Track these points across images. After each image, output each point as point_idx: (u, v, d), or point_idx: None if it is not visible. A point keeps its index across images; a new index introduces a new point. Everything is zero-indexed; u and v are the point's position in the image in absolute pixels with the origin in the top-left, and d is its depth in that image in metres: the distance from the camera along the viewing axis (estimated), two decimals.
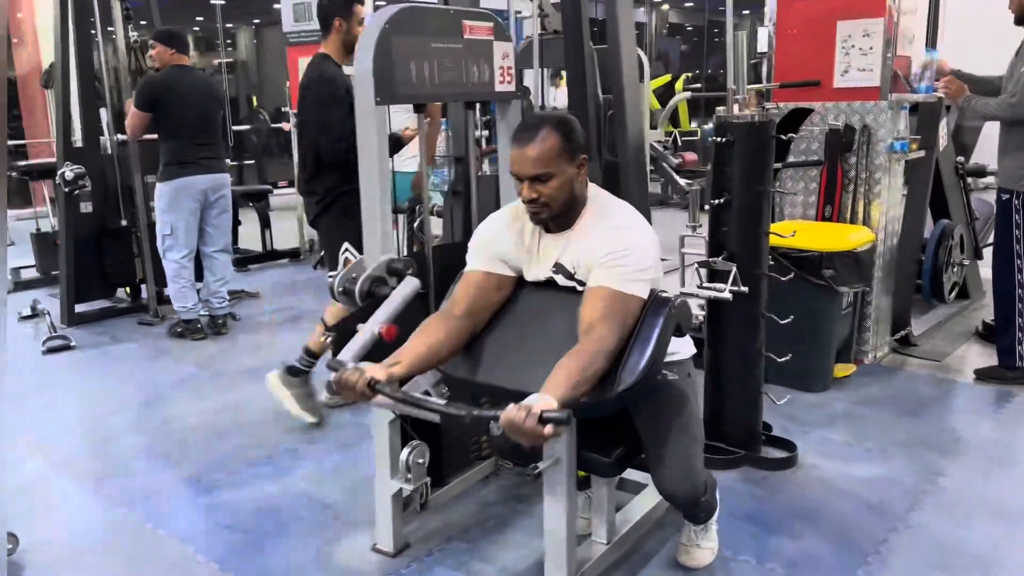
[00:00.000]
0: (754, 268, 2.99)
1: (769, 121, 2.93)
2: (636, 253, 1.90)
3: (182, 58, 4.51)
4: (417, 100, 2.44)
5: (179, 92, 4.42)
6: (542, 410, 1.61)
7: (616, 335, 1.83)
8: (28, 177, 6.05)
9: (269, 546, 2.60)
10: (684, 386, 2.19)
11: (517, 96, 2.76)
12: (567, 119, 2.01)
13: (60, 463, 3.23)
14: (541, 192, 1.93)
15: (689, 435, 2.14)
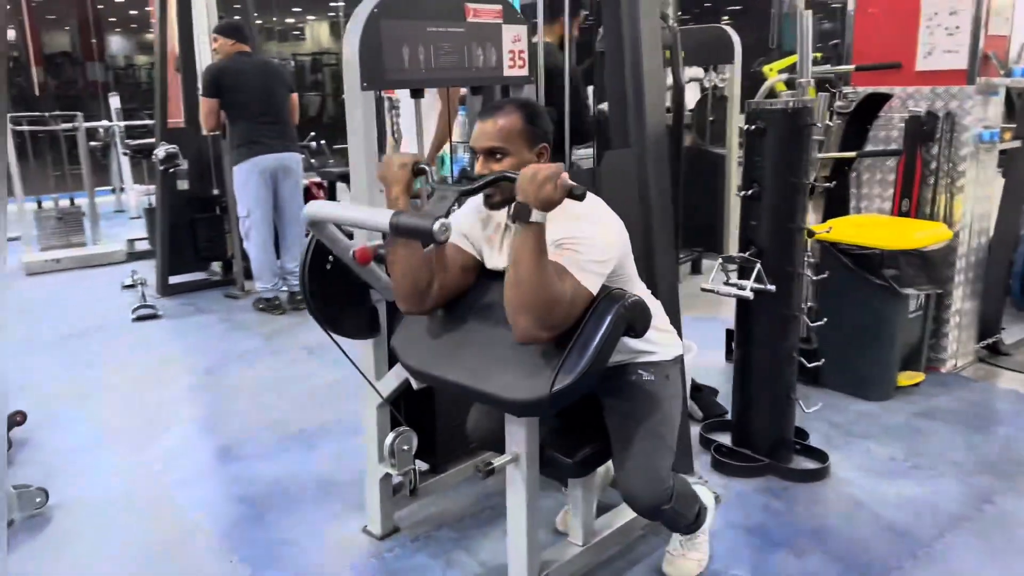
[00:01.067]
0: (786, 265, 2.79)
1: (804, 108, 2.71)
2: (591, 243, 1.80)
3: (242, 47, 4.70)
4: (410, 85, 2.42)
5: (241, 76, 4.60)
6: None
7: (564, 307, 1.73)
8: (140, 155, 6.48)
9: (270, 520, 2.67)
10: (658, 388, 2.07)
11: (530, 81, 2.68)
12: (536, 105, 1.94)
13: (111, 425, 3.45)
14: (493, 171, 1.86)
15: (656, 439, 2.02)
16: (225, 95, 4.64)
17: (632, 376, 2.08)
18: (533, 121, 1.88)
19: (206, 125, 4.75)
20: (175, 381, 3.93)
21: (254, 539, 2.57)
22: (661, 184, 2.76)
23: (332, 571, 2.39)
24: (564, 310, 1.73)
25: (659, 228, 2.76)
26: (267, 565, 2.43)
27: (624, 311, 1.80)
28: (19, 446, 3.22)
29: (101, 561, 2.47)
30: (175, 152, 5.12)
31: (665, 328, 2.17)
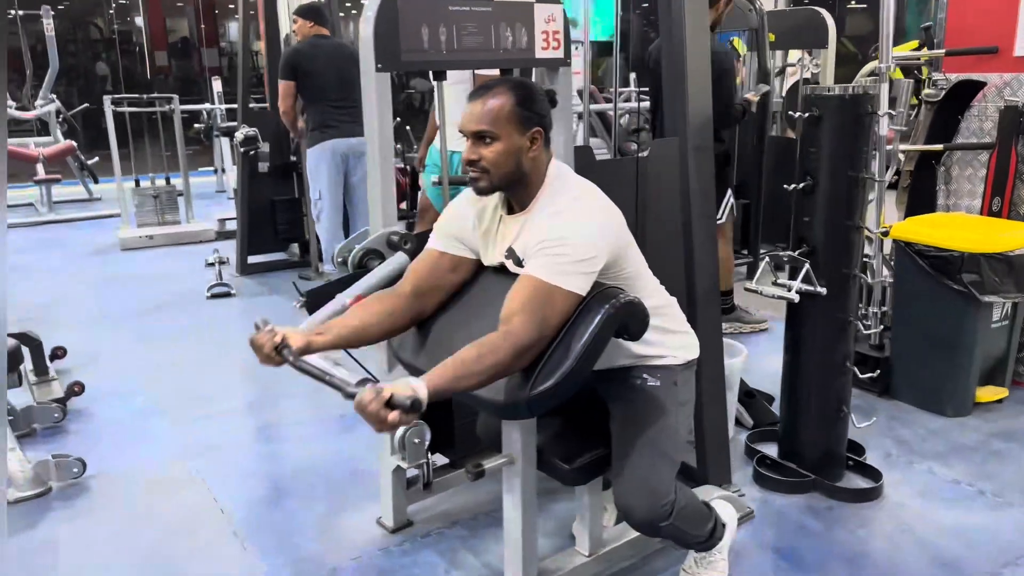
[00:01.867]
0: (841, 266, 2.57)
1: (863, 94, 2.47)
2: (573, 242, 1.68)
3: (321, 29, 4.71)
4: (429, 67, 2.34)
5: (317, 59, 4.61)
6: (392, 393, 1.49)
7: (533, 330, 1.62)
8: (227, 137, 6.67)
9: (287, 504, 2.67)
10: (664, 395, 1.92)
11: (565, 63, 2.55)
12: (530, 85, 1.81)
13: (163, 399, 3.54)
14: (482, 155, 1.75)
15: (655, 449, 1.88)
16: (301, 78, 4.67)
17: (636, 380, 1.94)
18: (526, 103, 1.76)
19: (281, 108, 4.81)
20: (233, 359, 4.01)
21: (270, 522, 2.57)
22: (703, 176, 2.58)
23: (336, 561, 2.35)
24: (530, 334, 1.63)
25: (699, 222, 2.58)
26: (275, 549, 2.42)
27: (614, 311, 1.67)
28: (74, 415, 3.34)
29: (121, 534, 2.52)
30: (254, 135, 5.22)
31: (679, 329, 2.01)
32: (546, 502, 2.58)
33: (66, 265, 6.07)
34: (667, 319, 1.97)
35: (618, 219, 1.80)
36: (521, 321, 1.62)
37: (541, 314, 1.63)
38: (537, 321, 1.63)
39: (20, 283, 5.44)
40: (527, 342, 1.62)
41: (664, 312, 1.96)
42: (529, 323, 1.62)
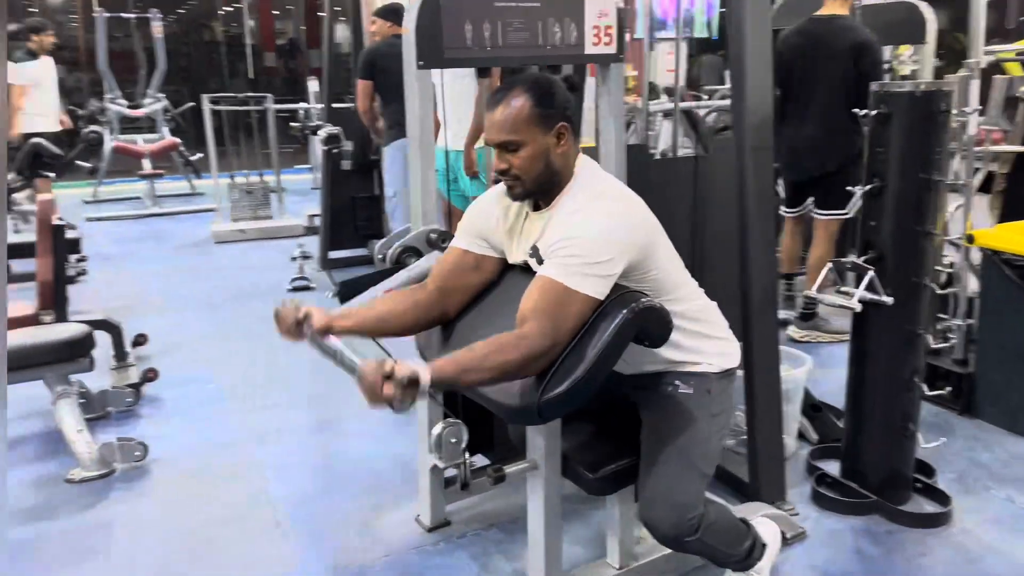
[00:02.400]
0: (911, 275, 2.40)
1: (937, 91, 2.30)
2: (589, 242, 1.61)
3: (399, 29, 4.74)
4: (474, 64, 2.33)
5: (395, 58, 4.62)
6: (393, 368, 1.48)
7: (546, 335, 1.57)
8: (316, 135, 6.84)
9: (333, 497, 2.70)
10: (696, 404, 1.84)
11: (618, 59, 2.48)
12: (545, 80, 1.76)
13: (233, 388, 3.64)
14: (511, 163, 1.71)
15: (683, 460, 1.79)
16: (378, 77, 4.73)
17: (668, 387, 1.86)
18: (545, 101, 1.70)
19: (359, 106, 4.88)
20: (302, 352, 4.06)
21: (314, 514, 2.60)
22: (761, 177, 2.46)
23: (368, 557, 2.36)
24: (543, 341, 1.58)
25: (755, 224, 2.47)
26: (312, 541, 2.45)
27: (632, 316, 1.60)
28: (147, 400, 3.48)
29: (171, 518, 2.60)
30: (337, 133, 5.33)
31: (716, 335, 1.91)
32: (586, 508, 2.52)
33: (162, 256, 6.35)
34: (704, 324, 1.88)
35: (641, 220, 1.72)
36: (534, 326, 1.58)
37: (555, 318, 1.58)
38: (550, 326, 1.57)
39: (117, 273, 5.73)
40: (539, 348, 1.57)
41: (700, 317, 1.88)
42: (542, 328, 1.57)
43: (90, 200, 8.41)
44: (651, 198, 2.76)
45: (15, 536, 2.48)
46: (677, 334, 1.82)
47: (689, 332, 1.84)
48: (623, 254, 1.64)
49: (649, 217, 1.77)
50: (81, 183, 8.55)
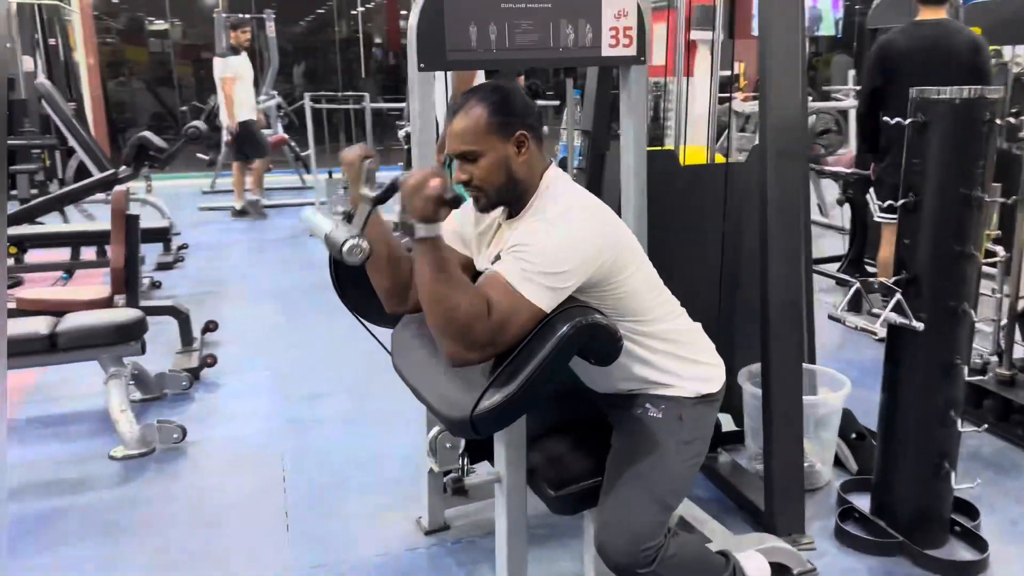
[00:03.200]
0: (947, 299, 2.19)
1: (979, 99, 2.08)
2: (544, 252, 1.54)
3: None
4: (479, 66, 2.29)
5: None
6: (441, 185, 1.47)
7: (487, 331, 1.50)
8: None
9: (345, 492, 2.74)
10: (665, 429, 1.74)
11: (639, 61, 2.38)
12: (503, 88, 1.70)
13: (280, 377, 3.77)
14: (472, 173, 1.67)
15: (643, 487, 1.70)
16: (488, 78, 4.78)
17: (638, 410, 1.77)
18: (501, 110, 1.65)
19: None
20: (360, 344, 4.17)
21: (321, 506, 2.64)
22: (786, 185, 2.32)
23: (362, 555, 2.38)
24: (489, 327, 1.50)
25: (777, 236, 2.32)
26: (312, 535, 2.49)
27: (574, 332, 1.52)
28: (203, 385, 3.65)
29: (191, 500, 2.71)
30: None
31: (696, 358, 1.81)
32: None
33: (258, 247, 6.64)
34: (680, 346, 1.78)
35: (607, 236, 1.63)
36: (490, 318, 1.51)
37: (500, 318, 1.52)
38: (495, 324, 1.51)
39: (212, 261, 6.04)
40: (480, 332, 1.49)
41: (676, 338, 1.78)
42: (492, 323, 1.51)
43: (207, 191, 8.91)
44: (675, 207, 2.68)
45: (50, 504, 2.66)
46: (649, 354, 1.75)
47: (662, 353, 1.75)
48: (580, 269, 1.57)
49: (620, 234, 1.68)
50: (200, 174, 9.08)
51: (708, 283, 2.72)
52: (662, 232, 2.57)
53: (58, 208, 5.94)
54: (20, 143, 8.27)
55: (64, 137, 6.89)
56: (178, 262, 5.96)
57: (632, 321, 1.70)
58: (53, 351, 3.03)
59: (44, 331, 3.01)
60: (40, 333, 3.00)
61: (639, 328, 1.72)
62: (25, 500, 2.69)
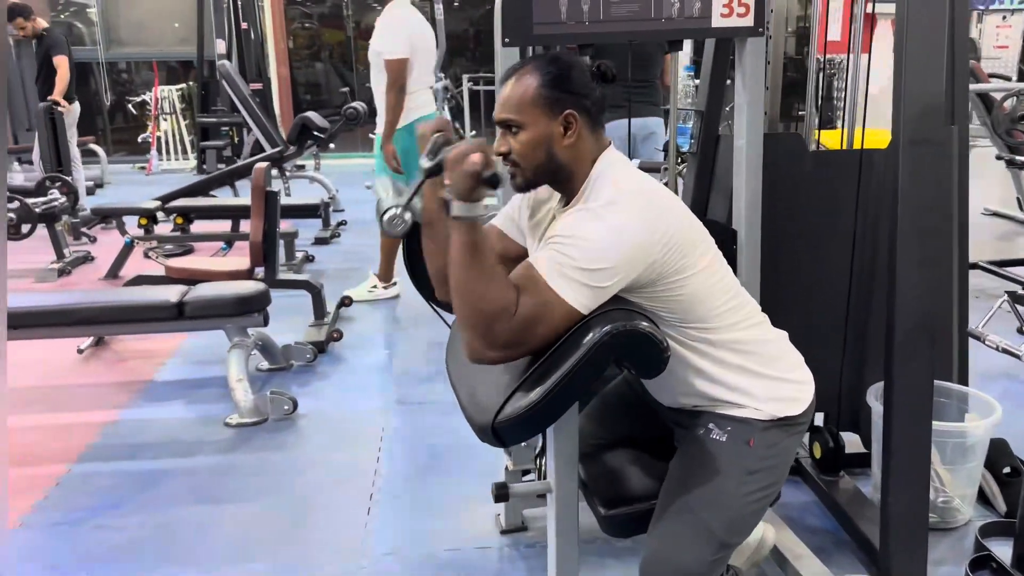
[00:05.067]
0: None
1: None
2: (584, 245, 1.37)
3: None
4: (568, 41, 2.10)
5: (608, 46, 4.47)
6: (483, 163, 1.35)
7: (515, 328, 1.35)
8: None
9: (433, 479, 2.69)
10: (728, 454, 1.52)
11: (756, 32, 2.12)
12: (562, 61, 1.53)
13: (401, 355, 3.79)
14: (511, 145, 1.52)
15: (695, 519, 1.50)
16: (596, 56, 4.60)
17: (701, 430, 1.56)
18: (555, 84, 1.48)
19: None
20: None
21: (406, 492, 2.62)
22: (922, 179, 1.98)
23: (434, 547, 2.33)
24: (514, 326, 1.35)
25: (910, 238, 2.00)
26: (390, 521, 2.47)
27: (608, 339, 1.35)
28: (328, 358, 3.75)
29: (288, 473, 2.77)
30: None
31: (773, 374, 1.56)
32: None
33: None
34: (755, 359, 1.55)
35: (665, 231, 1.42)
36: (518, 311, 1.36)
37: (528, 315, 1.37)
38: (521, 322, 1.37)
39: (365, 238, 6.20)
40: (505, 329, 1.35)
41: (750, 350, 1.55)
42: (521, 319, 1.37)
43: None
44: (801, 198, 2.39)
45: (159, 465, 2.80)
46: (714, 367, 1.53)
47: (732, 367, 1.53)
48: (625, 266, 1.38)
49: (679, 227, 1.46)
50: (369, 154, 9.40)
51: (836, 288, 2.41)
52: (784, 227, 2.32)
53: (229, 183, 6.33)
54: (210, 121, 8.96)
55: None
56: (334, 238, 6.18)
57: (694, 328, 1.50)
58: (180, 318, 3.19)
59: (174, 299, 3.17)
60: (170, 301, 3.16)
61: (703, 336, 1.51)
62: (138, 459, 2.85)
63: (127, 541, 2.38)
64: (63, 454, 2.87)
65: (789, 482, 2.61)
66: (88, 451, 2.90)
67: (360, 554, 2.31)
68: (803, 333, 2.49)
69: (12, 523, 2.44)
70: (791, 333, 2.51)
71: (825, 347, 2.50)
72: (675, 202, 1.52)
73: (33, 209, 4.92)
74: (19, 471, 2.75)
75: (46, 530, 2.44)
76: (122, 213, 5.24)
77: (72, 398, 3.41)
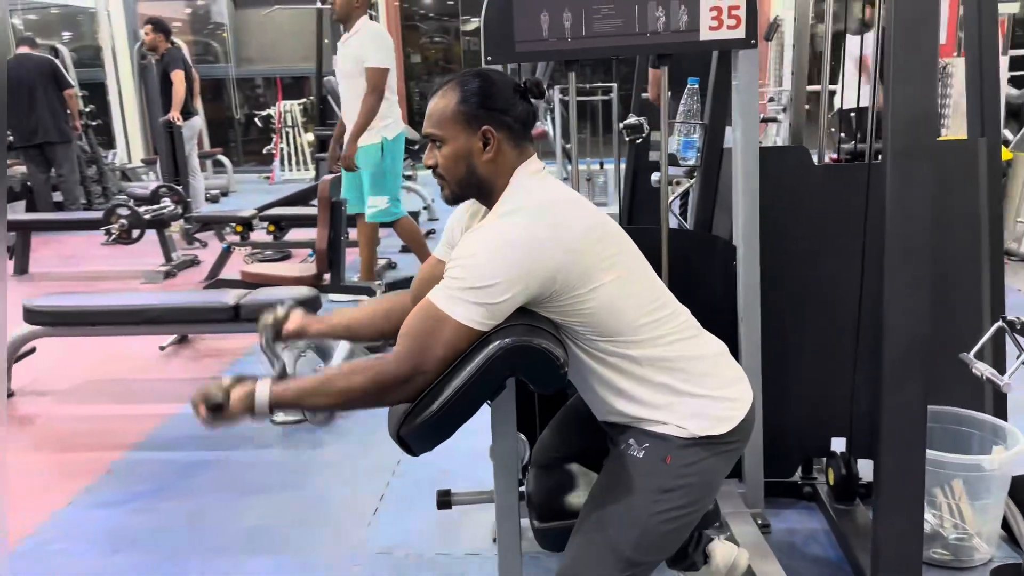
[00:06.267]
0: None
1: None
2: (474, 263, 1.40)
3: None
4: (550, 58, 2.13)
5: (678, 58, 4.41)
6: (208, 390, 1.46)
7: (403, 360, 1.40)
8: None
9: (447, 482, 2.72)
10: (643, 471, 1.50)
11: (748, 45, 2.08)
12: (484, 77, 1.55)
13: None
14: (437, 159, 1.57)
15: (602, 536, 1.49)
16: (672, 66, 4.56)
17: (622, 445, 1.56)
18: (472, 99, 1.51)
19: (650, 95, 4.75)
20: None
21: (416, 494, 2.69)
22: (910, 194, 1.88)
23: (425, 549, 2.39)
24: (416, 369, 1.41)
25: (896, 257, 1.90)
26: (390, 520, 2.55)
27: (501, 353, 1.37)
28: None
29: (313, 471, 2.91)
30: (638, 123, 5.23)
31: (698, 391, 1.51)
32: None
33: None
34: (679, 375, 1.52)
35: (563, 242, 1.42)
36: (397, 350, 1.44)
37: (423, 344, 1.41)
38: (415, 351, 1.41)
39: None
40: (392, 374, 1.41)
41: (677, 366, 1.52)
42: (401, 352, 1.42)
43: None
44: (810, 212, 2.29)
45: (203, 456, 3.01)
46: (630, 384, 1.51)
47: (653, 384, 1.51)
48: (517, 280, 1.40)
49: (585, 239, 1.45)
50: None
51: (846, 306, 2.31)
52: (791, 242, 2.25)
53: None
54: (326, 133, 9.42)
55: None
56: None
57: (610, 342, 1.49)
58: (237, 320, 3.41)
59: (230, 302, 3.39)
60: (227, 304, 3.39)
61: (622, 352, 1.49)
62: (183, 449, 3.07)
63: (156, 526, 2.58)
64: (122, 442, 3.14)
65: (802, 508, 2.51)
66: (143, 441, 3.16)
67: (355, 551, 2.40)
68: (812, 353, 2.42)
69: (61, 503, 2.71)
70: (801, 353, 2.43)
71: (838, 368, 2.39)
72: (580, 213, 1.50)
73: (142, 216, 5.36)
74: (80, 455, 3.04)
75: (89, 511, 2.68)
76: (219, 221, 5.62)
77: (145, 391, 3.71)
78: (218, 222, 5.71)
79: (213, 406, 1.44)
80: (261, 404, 1.46)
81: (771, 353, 2.34)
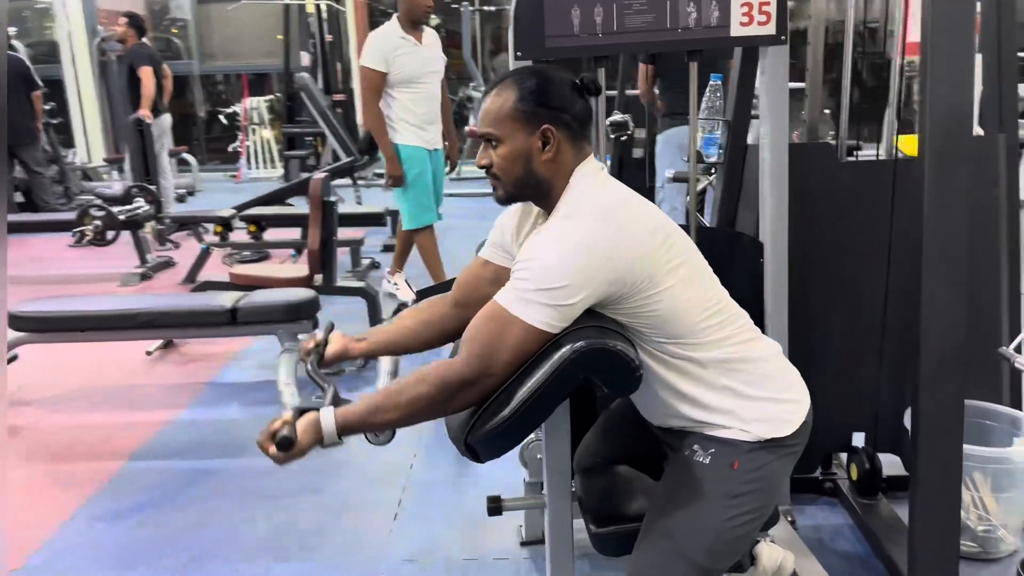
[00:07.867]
0: None
1: None
2: (542, 265, 1.37)
3: None
4: (581, 53, 2.09)
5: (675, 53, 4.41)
6: (275, 428, 1.41)
7: (473, 365, 1.37)
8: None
9: (460, 488, 2.72)
10: (711, 477, 1.47)
11: (778, 41, 2.07)
12: (543, 75, 1.51)
13: None
14: (492, 159, 1.53)
15: (671, 544, 1.46)
16: (659, 62, 4.56)
17: (686, 451, 1.53)
18: (531, 98, 1.47)
19: (640, 88, 4.76)
20: None
21: (435, 494, 2.67)
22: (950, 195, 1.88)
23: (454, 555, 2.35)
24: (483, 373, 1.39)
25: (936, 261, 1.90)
26: (412, 521, 2.53)
27: (574, 356, 1.34)
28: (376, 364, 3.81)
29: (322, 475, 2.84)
30: (624, 120, 5.23)
31: (761, 394, 1.50)
32: None
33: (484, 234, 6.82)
34: (743, 378, 1.49)
35: (626, 246, 1.40)
36: (462, 354, 1.40)
37: (489, 346, 1.38)
38: (483, 355, 1.38)
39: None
40: (458, 379, 1.38)
41: (738, 368, 1.50)
42: (469, 356, 1.38)
43: (454, 177, 9.34)
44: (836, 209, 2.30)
45: (206, 464, 2.93)
46: (695, 388, 1.49)
47: (717, 387, 1.48)
48: (586, 282, 1.37)
49: (650, 241, 1.43)
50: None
51: (872, 302, 2.32)
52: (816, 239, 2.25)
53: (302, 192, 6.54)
54: (295, 131, 9.27)
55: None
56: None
57: (676, 344, 1.46)
58: (234, 324, 3.32)
59: (227, 305, 3.31)
60: (224, 307, 3.30)
61: (687, 354, 1.47)
62: (187, 457, 2.98)
63: (163, 537, 2.49)
64: (121, 451, 3.03)
65: (824, 504, 2.52)
66: (142, 449, 3.06)
67: (380, 559, 2.35)
68: (836, 350, 2.43)
69: (65, 515, 2.60)
70: (824, 349, 2.43)
71: (861, 364, 2.40)
72: (641, 215, 1.48)
73: (117, 216, 5.20)
74: (80, 466, 2.93)
75: (92, 523, 2.58)
76: (198, 221, 5.48)
77: (136, 398, 3.60)
78: (196, 222, 5.57)
79: (283, 443, 1.38)
80: (329, 431, 1.41)
81: (795, 350, 2.34)
